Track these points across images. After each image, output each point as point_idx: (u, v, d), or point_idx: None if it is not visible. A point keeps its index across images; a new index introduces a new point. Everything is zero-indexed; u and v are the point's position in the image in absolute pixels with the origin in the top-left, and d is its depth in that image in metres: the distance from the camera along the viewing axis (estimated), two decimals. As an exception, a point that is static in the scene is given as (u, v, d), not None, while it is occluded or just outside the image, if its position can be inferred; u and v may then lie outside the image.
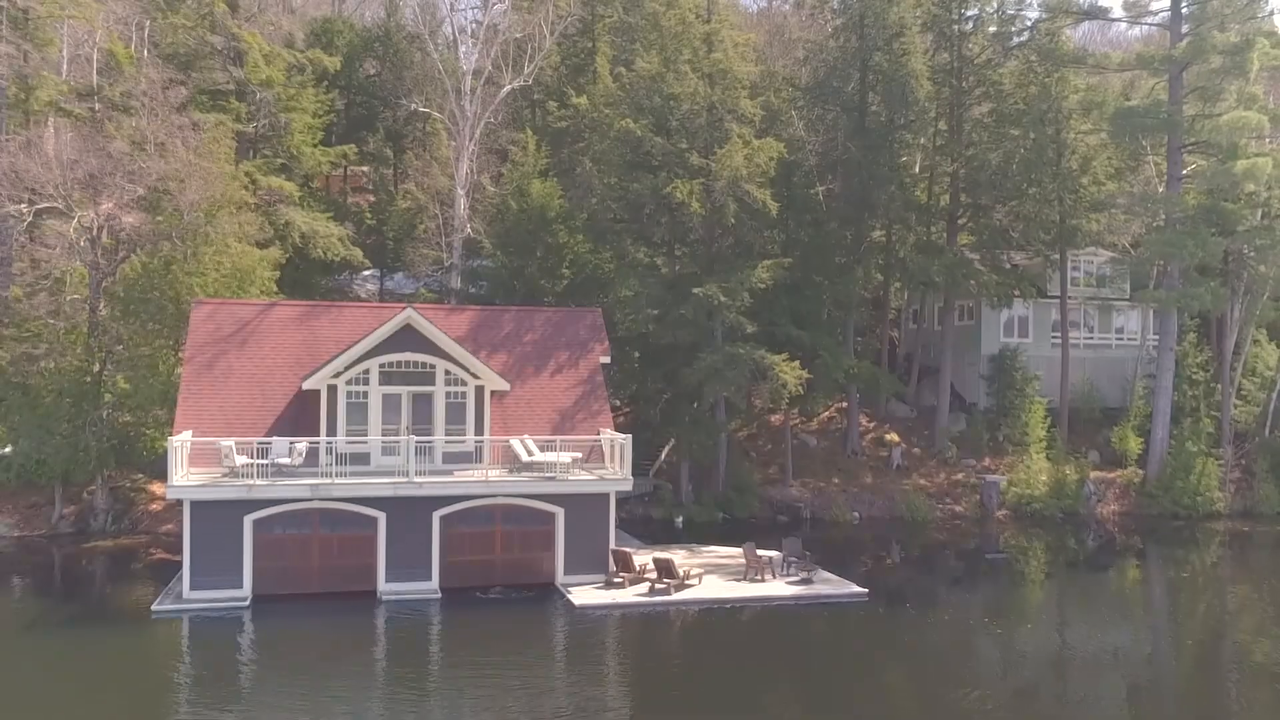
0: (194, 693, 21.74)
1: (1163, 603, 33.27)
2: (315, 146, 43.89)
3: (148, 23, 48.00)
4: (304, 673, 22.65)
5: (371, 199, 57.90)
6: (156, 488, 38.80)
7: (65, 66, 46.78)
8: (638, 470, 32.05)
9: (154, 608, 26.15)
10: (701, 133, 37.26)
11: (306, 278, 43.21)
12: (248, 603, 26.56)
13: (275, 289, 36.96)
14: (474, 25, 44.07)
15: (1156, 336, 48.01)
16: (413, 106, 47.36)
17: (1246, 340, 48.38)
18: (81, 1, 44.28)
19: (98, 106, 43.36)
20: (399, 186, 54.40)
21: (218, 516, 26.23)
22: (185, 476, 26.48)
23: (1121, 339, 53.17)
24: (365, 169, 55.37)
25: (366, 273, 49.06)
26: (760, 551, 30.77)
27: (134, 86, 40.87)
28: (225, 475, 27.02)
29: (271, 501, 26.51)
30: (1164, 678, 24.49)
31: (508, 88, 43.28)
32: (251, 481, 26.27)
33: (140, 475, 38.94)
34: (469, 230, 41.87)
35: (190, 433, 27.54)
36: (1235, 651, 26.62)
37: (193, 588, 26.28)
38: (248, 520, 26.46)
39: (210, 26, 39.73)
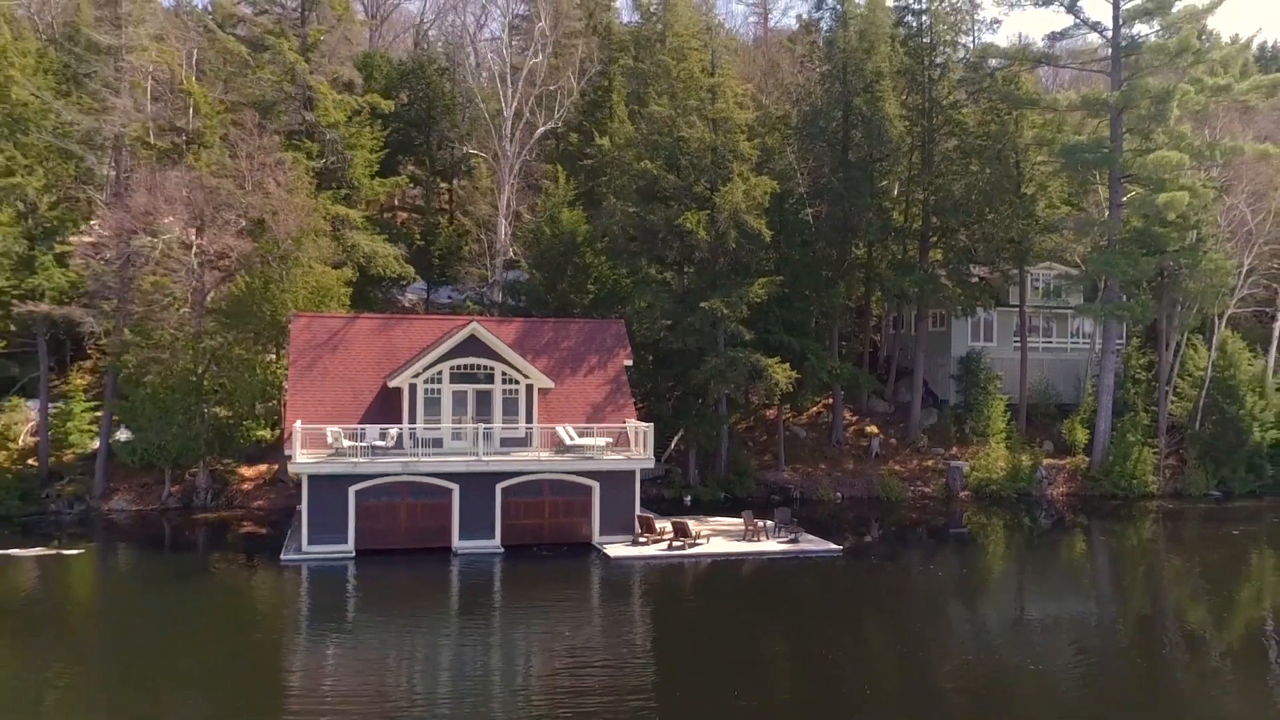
0: (312, 619, 28.75)
1: (1101, 565, 40.23)
2: (372, 178, 50.81)
3: (194, 51, 54.77)
4: (396, 606, 29.58)
5: (405, 215, 64.92)
6: (246, 470, 45.80)
7: (124, 97, 53.33)
8: (654, 455, 38.94)
9: (282, 558, 33.19)
10: (707, 171, 44.18)
11: (364, 290, 50.03)
12: (352, 555, 33.57)
13: (348, 303, 43.90)
14: (506, 66, 50.54)
15: (1115, 336, 54.83)
16: (464, 150, 54.13)
17: (1181, 345, 55.26)
18: (165, 48, 51.14)
19: (177, 140, 50.12)
20: (441, 205, 61.39)
21: (329, 487, 33.26)
22: (302, 456, 33.41)
23: (1076, 343, 60.19)
24: (409, 187, 62.40)
25: (414, 285, 55.90)
26: (758, 520, 37.76)
27: (209, 121, 47.89)
28: (331, 455, 33.97)
29: (370, 475, 33.55)
30: (1098, 623, 30.96)
31: (541, 129, 50.31)
32: (356, 459, 33.27)
33: (229, 460, 45.82)
34: (511, 253, 48.81)
35: (300, 422, 34.44)
36: (1162, 603, 33.34)
37: (310, 543, 33.29)
38: (351, 490, 33.49)
39: (290, 79, 46.62)
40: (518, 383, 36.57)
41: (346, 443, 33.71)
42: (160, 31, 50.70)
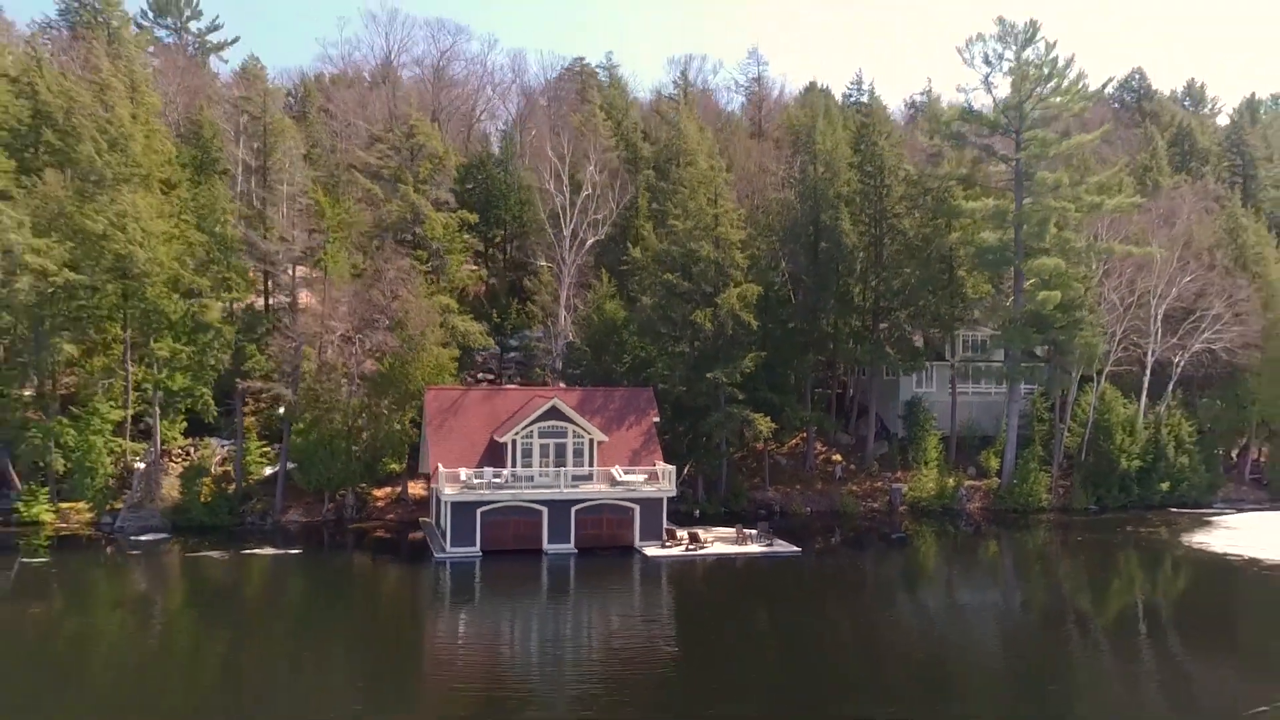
0: (453, 597, 46.20)
1: (1007, 562, 57.69)
2: (463, 271, 68.22)
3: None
4: (507, 588, 47.10)
5: (470, 282, 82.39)
6: (378, 492, 63.10)
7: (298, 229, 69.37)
8: (674, 483, 56.23)
9: (435, 556, 50.68)
10: (711, 278, 61.44)
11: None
12: (479, 555, 51.02)
13: (455, 371, 61.32)
14: (566, 199, 67.99)
15: (1022, 385, 71.79)
16: (538, 262, 71.61)
17: (1072, 394, 72.33)
18: (306, 170, 68.49)
19: (313, 245, 67.30)
20: (499, 274, 78.91)
21: (464, 510, 50.71)
22: (447, 489, 50.81)
23: (1000, 389, 77.17)
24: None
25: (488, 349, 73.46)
26: (745, 530, 55.12)
27: (332, 223, 65.27)
28: (464, 489, 51.32)
29: (490, 501, 51.01)
30: (1007, 605, 48.61)
31: (590, 241, 67.78)
32: (482, 491, 50.73)
33: (364, 484, 63.01)
34: (569, 334, 66.28)
35: (442, 465, 51.81)
36: (1055, 590, 50.72)
37: (451, 546, 50.75)
38: (478, 511, 50.95)
39: (412, 210, 64.02)
40: (583, 437, 53.85)
41: (475, 480, 51.13)
42: (300, 156, 68.29)
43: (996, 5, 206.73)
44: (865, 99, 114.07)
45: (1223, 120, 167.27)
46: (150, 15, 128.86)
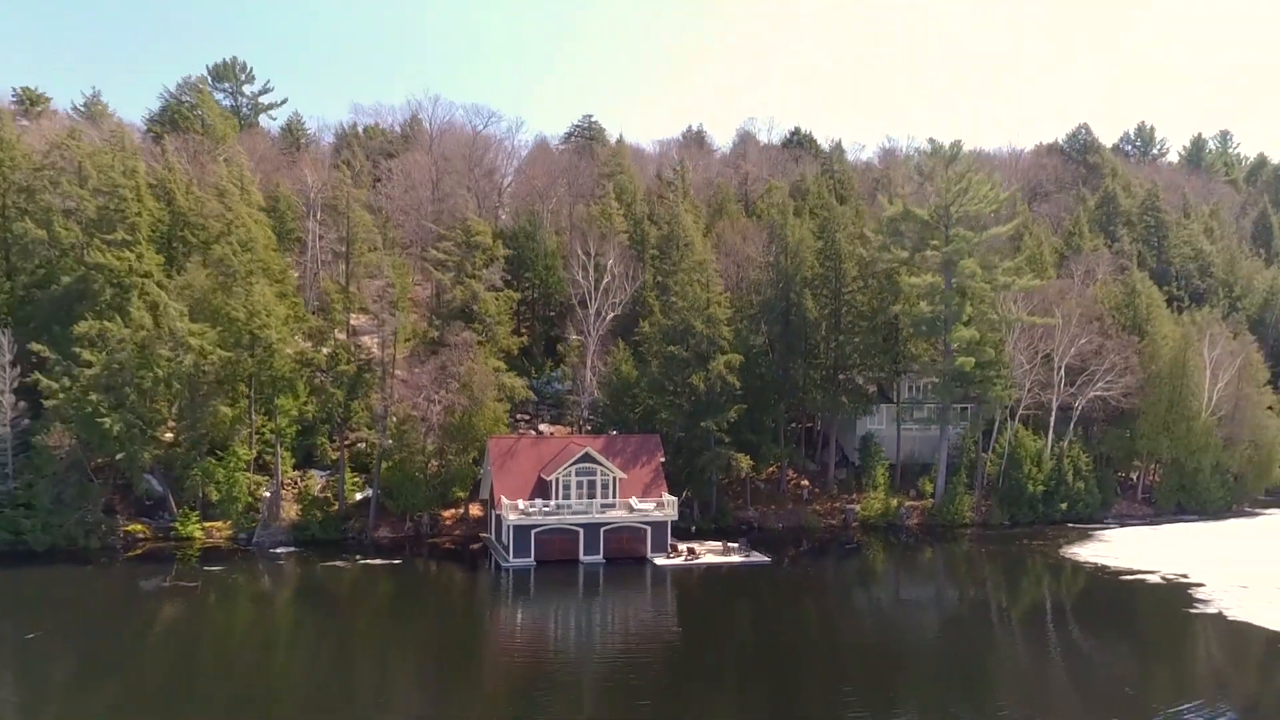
0: (513, 596, 64.61)
1: (938, 566, 76.24)
2: (509, 337, 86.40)
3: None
4: (554, 588, 65.50)
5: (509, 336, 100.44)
6: (445, 513, 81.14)
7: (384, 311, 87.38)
8: (676, 508, 74.43)
9: (501, 565, 68.92)
10: (703, 348, 79.59)
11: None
12: (534, 564, 69.20)
13: (506, 418, 79.47)
14: (591, 285, 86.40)
15: (952, 426, 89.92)
16: (570, 337, 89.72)
17: (994, 431, 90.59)
18: (379, 257, 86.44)
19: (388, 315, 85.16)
20: (529, 326, 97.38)
21: (522, 530, 68.90)
22: (510, 516, 68.96)
23: (937, 425, 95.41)
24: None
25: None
26: (729, 543, 73.38)
27: (399, 294, 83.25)
28: (522, 515, 69.41)
29: (542, 524, 69.22)
30: (943, 599, 67.12)
31: (610, 315, 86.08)
32: (536, 517, 68.92)
33: (435, 508, 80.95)
34: (594, 390, 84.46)
35: (505, 497, 69.93)
36: (981, 586, 69.44)
37: (513, 558, 68.90)
38: (533, 531, 69.15)
39: (472, 297, 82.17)
40: (608, 475, 71.97)
41: (530, 509, 69.35)
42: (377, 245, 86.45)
43: (992, 8, 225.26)
44: (839, 161, 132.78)
45: (1173, 157, 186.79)
46: (210, 81, 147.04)
